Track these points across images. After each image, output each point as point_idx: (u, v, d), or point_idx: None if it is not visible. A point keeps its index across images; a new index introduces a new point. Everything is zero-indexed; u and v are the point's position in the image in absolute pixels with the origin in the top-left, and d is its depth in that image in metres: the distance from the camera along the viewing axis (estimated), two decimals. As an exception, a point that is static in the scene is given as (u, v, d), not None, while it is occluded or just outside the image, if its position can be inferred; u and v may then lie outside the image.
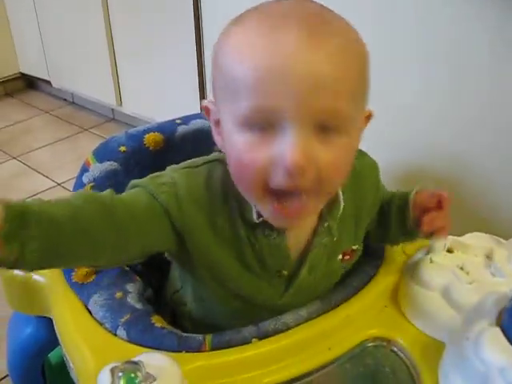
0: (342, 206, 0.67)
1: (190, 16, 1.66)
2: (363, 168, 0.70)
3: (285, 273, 0.67)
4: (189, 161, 0.68)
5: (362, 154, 0.72)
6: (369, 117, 0.63)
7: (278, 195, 0.57)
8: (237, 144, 0.56)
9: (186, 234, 0.63)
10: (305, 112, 0.52)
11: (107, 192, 0.60)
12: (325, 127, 0.54)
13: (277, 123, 0.53)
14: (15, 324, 0.95)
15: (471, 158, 1.17)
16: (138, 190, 0.63)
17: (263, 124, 0.54)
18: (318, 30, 0.53)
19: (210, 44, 1.59)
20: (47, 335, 0.88)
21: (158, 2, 1.79)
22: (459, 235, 0.75)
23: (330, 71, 0.52)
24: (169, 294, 0.79)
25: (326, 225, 0.66)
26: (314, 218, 0.66)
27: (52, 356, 1.00)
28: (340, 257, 0.71)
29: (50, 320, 0.82)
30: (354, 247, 0.72)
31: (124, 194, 0.63)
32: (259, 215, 0.62)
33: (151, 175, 0.66)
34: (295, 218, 0.60)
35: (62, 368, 0.96)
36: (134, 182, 0.65)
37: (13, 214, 0.48)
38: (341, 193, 0.66)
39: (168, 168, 0.67)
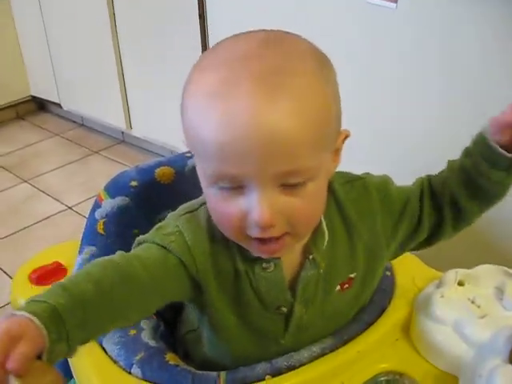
0: (326, 237, 0.67)
1: (197, 40, 1.68)
2: (347, 193, 0.69)
3: (284, 309, 0.67)
4: (187, 204, 0.69)
5: (351, 180, 0.70)
6: (345, 137, 0.63)
7: (258, 239, 0.59)
8: (209, 196, 0.59)
9: (201, 279, 0.64)
10: (266, 176, 0.54)
11: (119, 255, 0.62)
12: (291, 184, 0.56)
13: (242, 184, 0.56)
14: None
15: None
16: (148, 246, 0.64)
17: (230, 184, 0.56)
18: (272, 90, 0.52)
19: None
20: (59, 369, 0.89)
21: (167, 26, 1.82)
22: (469, 267, 0.75)
23: (287, 135, 0.52)
24: (183, 332, 0.79)
25: (310, 257, 0.66)
26: (299, 252, 0.67)
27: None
28: (338, 288, 0.70)
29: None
30: (352, 275, 0.70)
31: (135, 251, 0.64)
32: None
33: (155, 227, 0.67)
34: (278, 253, 0.62)
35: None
36: (140, 238, 0.66)
37: (48, 321, 0.49)
38: (324, 222, 0.67)
39: (169, 216, 0.68)
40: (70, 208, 1.91)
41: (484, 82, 1.12)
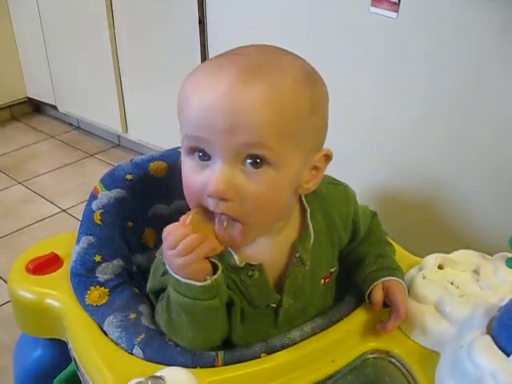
0: (312, 237, 0.73)
1: (196, 45, 1.70)
2: (331, 195, 0.77)
3: (273, 305, 0.74)
4: None
5: (336, 184, 0.79)
6: (327, 157, 0.69)
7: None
8: (184, 168, 0.66)
9: None
10: (229, 148, 0.61)
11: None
12: (253, 158, 0.61)
13: (210, 153, 0.62)
14: (23, 347, 0.97)
15: (451, 180, 1.24)
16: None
17: (200, 151, 0.63)
18: (249, 74, 0.60)
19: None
20: (56, 357, 0.91)
21: (165, 29, 1.83)
22: (448, 253, 0.81)
23: (252, 111, 0.59)
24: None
25: (297, 255, 0.73)
26: (287, 250, 0.73)
27: (56, 382, 1.02)
28: (322, 281, 0.77)
29: (58, 342, 0.86)
30: (332, 270, 0.79)
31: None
32: (241, 260, 0.70)
33: (152, 272, 0.75)
34: (237, 242, 0.66)
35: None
36: (149, 288, 0.76)
37: None
38: (310, 224, 0.73)
39: (157, 256, 0.75)
40: (64, 211, 1.90)
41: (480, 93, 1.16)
